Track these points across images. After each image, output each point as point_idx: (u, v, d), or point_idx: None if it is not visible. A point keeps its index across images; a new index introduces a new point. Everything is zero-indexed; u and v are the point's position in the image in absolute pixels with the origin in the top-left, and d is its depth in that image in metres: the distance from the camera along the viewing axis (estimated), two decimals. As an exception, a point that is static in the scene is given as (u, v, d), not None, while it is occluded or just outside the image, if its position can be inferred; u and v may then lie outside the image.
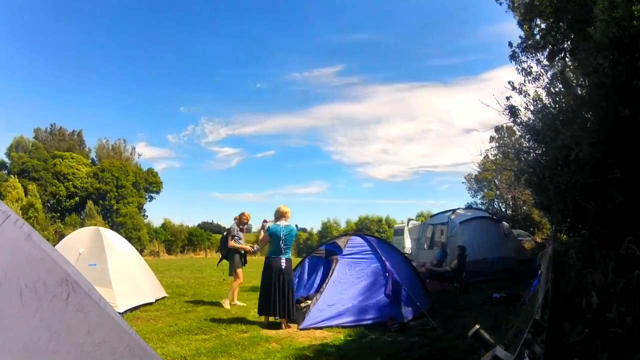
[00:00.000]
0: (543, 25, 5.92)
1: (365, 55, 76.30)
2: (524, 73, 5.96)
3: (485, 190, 33.31)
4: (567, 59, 5.77)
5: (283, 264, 6.61)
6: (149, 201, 46.63)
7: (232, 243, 8.55)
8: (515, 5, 6.33)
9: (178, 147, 65.64)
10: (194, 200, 72.94)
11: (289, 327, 6.55)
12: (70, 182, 39.83)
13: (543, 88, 5.72)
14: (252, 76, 71.96)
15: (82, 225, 31.39)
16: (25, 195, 33.98)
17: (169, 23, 64.57)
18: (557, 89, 5.51)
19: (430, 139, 72.28)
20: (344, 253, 7.40)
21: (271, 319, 6.77)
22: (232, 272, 8.64)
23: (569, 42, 5.61)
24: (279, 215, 6.79)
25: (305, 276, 8.09)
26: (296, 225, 7.17)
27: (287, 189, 70.60)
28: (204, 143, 67.14)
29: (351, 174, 75.86)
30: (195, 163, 73.59)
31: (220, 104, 72.37)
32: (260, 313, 6.86)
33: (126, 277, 7.86)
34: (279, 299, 6.47)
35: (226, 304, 8.44)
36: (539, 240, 15.44)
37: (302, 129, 76.29)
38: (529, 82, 5.86)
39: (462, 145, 69.80)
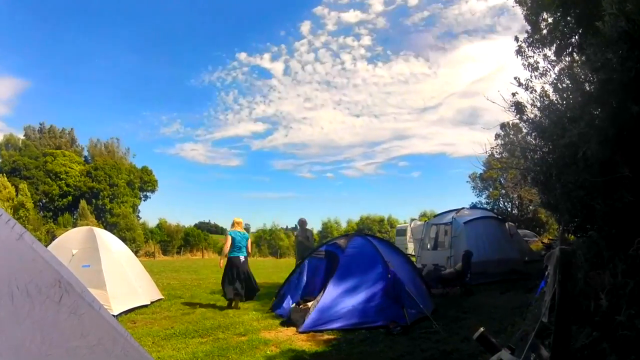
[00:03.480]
0: (550, 20, 5.90)
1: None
2: (530, 68, 5.94)
3: (490, 190, 33.31)
4: (574, 54, 5.75)
5: (242, 259, 8.68)
6: (144, 200, 46.69)
7: None
8: (522, -2, 6.32)
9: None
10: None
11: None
12: (63, 181, 39.82)
13: (550, 84, 5.69)
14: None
15: (75, 225, 31.39)
16: (17, 194, 33.94)
17: None
18: (564, 85, 5.48)
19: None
20: (344, 254, 7.41)
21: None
22: None
23: (576, 37, 5.59)
24: (234, 224, 8.89)
25: (305, 278, 8.09)
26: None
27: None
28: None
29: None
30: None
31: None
32: (228, 298, 8.64)
33: (121, 278, 7.87)
34: (243, 286, 8.61)
35: None
36: (545, 240, 15.45)
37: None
38: (536, 78, 5.84)
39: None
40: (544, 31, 5.96)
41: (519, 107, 5.80)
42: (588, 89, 4.80)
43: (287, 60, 65.50)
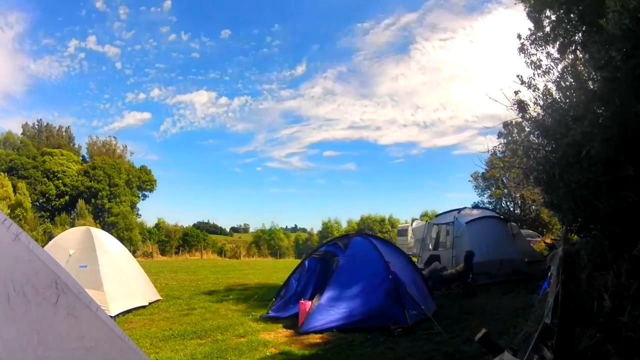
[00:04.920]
0: (553, 17, 5.89)
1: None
2: (533, 66, 5.94)
3: (493, 189, 33.30)
4: (578, 52, 5.75)
5: None
6: (143, 200, 46.70)
7: None
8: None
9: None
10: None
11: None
12: (60, 180, 39.79)
13: (553, 82, 5.70)
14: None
15: (72, 225, 31.39)
16: (14, 193, 33.93)
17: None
18: (567, 83, 5.48)
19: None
20: (345, 254, 7.40)
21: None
22: None
23: (580, 34, 5.59)
24: None
25: (305, 278, 8.09)
26: None
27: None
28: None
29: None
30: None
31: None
32: None
33: (118, 279, 7.87)
34: None
35: None
36: (548, 241, 15.43)
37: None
38: (539, 76, 5.84)
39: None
40: (547, 29, 5.95)
41: (521, 106, 5.79)
42: (592, 87, 4.80)
43: (111, 41, 60.31)
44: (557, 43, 5.87)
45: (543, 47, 6.00)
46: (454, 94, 73.77)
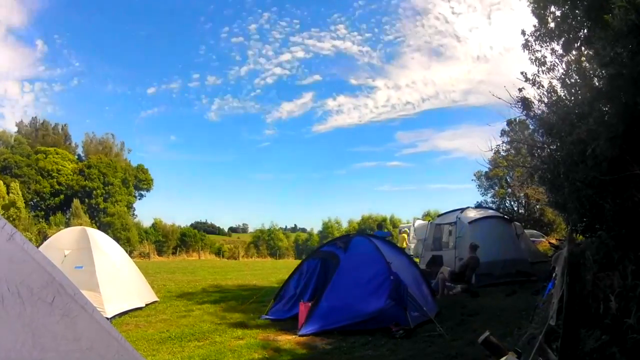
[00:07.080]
0: (558, 13, 5.88)
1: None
2: (537, 63, 5.93)
3: (496, 188, 33.26)
4: (583, 49, 5.75)
5: None
6: (139, 199, 46.67)
7: None
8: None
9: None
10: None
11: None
12: (55, 179, 39.75)
13: (558, 79, 5.70)
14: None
15: (67, 225, 31.37)
16: (7, 193, 33.92)
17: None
18: (572, 80, 5.48)
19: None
20: (345, 254, 7.40)
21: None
22: None
23: (585, 31, 5.58)
24: None
25: (305, 279, 8.08)
26: None
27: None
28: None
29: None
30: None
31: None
32: None
33: (115, 280, 7.87)
34: None
35: None
36: (553, 241, 15.42)
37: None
38: (543, 73, 5.84)
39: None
40: (552, 25, 5.94)
41: (525, 103, 5.79)
42: (597, 84, 4.79)
43: None
44: (562, 39, 5.86)
45: (547, 44, 5.99)
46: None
